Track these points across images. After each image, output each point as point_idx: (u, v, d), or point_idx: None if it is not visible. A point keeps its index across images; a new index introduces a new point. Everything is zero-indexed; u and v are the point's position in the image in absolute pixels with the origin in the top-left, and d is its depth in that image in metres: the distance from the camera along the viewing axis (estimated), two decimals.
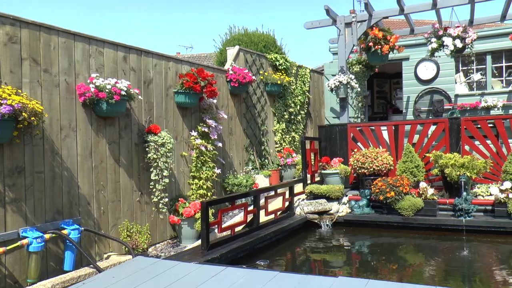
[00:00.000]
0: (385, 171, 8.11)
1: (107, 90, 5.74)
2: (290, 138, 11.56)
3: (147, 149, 6.66)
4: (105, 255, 5.99)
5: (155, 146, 6.62)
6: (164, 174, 6.76)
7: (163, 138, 6.68)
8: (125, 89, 5.95)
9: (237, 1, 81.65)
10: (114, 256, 5.95)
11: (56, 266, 5.31)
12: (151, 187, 6.80)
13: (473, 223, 6.94)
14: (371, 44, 9.30)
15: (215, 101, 8.22)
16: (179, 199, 7.19)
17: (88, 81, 5.83)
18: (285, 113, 11.36)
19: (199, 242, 6.23)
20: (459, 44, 9.07)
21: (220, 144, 8.31)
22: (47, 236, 5.01)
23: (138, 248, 6.19)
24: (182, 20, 79.55)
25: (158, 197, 6.86)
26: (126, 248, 6.05)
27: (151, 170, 6.72)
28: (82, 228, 5.49)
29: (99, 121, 6.06)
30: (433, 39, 9.39)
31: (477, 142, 8.17)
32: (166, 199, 7.00)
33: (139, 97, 6.58)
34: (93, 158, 5.95)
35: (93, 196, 5.92)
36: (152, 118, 7.01)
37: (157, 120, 7.10)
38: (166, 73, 7.38)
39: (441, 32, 9.28)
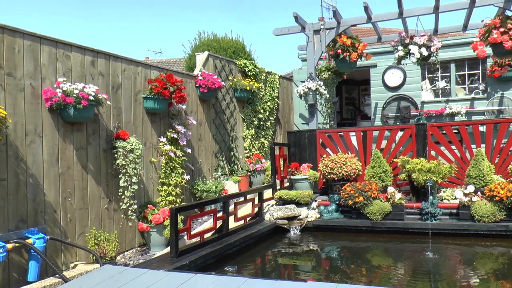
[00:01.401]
0: (353, 176, 8.21)
1: (74, 95, 5.64)
2: (260, 144, 11.58)
3: (115, 155, 6.56)
4: (72, 264, 5.86)
5: (124, 152, 6.52)
6: (133, 180, 6.67)
7: (132, 144, 6.60)
8: (93, 94, 5.86)
9: (206, 7, 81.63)
10: (81, 265, 5.83)
11: (19, 277, 5.15)
12: (119, 194, 6.70)
13: (439, 226, 7.09)
14: (339, 51, 9.42)
15: (184, 106, 8.17)
16: (148, 206, 7.10)
17: (55, 85, 5.71)
18: (254, 119, 11.38)
19: (168, 249, 6.16)
20: (424, 52, 9.28)
21: (189, 150, 8.26)
22: (9, 246, 4.85)
23: (106, 256, 6.08)
24: (151, 25, 78.94)
25: (127, 204, 6.76)
26: (94, 257, 5.93)
27: (119, 176, 6.62)
28: (48, 237, 5.35)
29: (66, 127, 5.94)
30: (400, 47, 9.58)
31: (442, 148, 8.36)
32: (135, 206, 6.90)
33: (108, 102, 6.49)
34: (60, 164, 5.82)
35: (60, 203, 5.79)
36: (121, 123, 6.92)
37: (125, 125, 7.01)
38: (135, 78, 7.30)
39: (407, 41, 9.48)
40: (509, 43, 8.00)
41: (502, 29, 8.07)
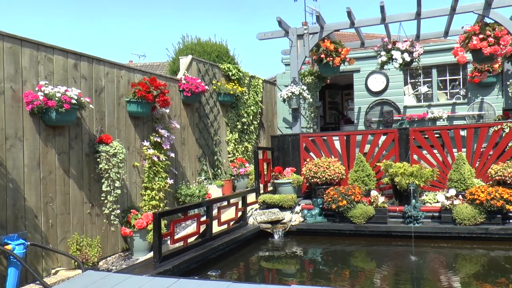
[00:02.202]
0: (337, 180, 8.25)
1: (56, 98, 5.58)
2: (243, 148, 11.57)
3: (98, 159, 6.50)
4: (53, 271, 5.77)
5: (107, 156, 6.47)
6: (116, 185, 6.61)
7: (115, 148, 6.54)
8: (76, 97, 5.80)
9: (191, 10, 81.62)
10: (62, 271, 5.75)
11: None
12: (102, 198, 6.63)
13: (421, 229, 7.16)
14: (322, 56, 9.47)
15: (167, 110, 8.13)
16: (131, 210, 7.04)
17: (37, 88, 5.64)
18: (238, 123, 11.37)
19: (151, 254, 6.11)
20: (407, 57, 9.39)
21: (172, 154, 8.22)
22: None
23: (88, 262, 6.01)
24: (135, 28, 78.53)
25: (110, 209, 6.70)
26: (76, 263, 5.85)
27: (102, 181, 6.55)
28: (28, 243, 5.26)
29: (48, 131, 5.86)
30: (383, 53, 9.68)
31: (424, 152, 8.46)
32: (118, 211, 6.84)
33: (90, 106, 6.43)
34: (41, 169, 5.74)
35: (41, 208, 5.70)
36: (104, 127, 6.86)
37: (108, 129, 6.95)
38: (118, 82, 7.24)
39: (390, 46, 9.59)
40: (488, 50, 8.15)
41: (481, 36, 8.22)
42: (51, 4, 77.84)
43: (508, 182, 7.20)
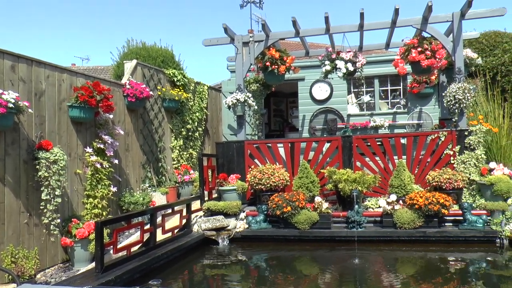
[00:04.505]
0: (281, 187, 8.33)
1: None
2: (188, 155, 11.48)
3: (37, 166, 6.23)
4: None
5: (47, 163, 6.22)
6: (56, 193, 6.37)
7: (56, 155, 6.31)
8: (13, 101, 5.55)
9: (135, 15, 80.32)
10: None
11: None
12: (41, 207, 6.36)
13: (364, 233, 7.37)
14: (268, 63, 9.56)
15: (111, 116, 7.95)
16: (72, 219, 6.79)
17: None
18: (182, 129, 11.27)
19: (93, 264, 5.92)
20: (350, 67, 9.67)
21: (116, 161, 8.03)
22: None
23: (25, 275, 5.74)
24: (78, 30, 76.18)
25: (49, 218, 6.44)
26: (10, 276, 5.57)
27: (42, 189, 6.29)
28: None
29: None
30: (327, 62, 9.92)
31: (367, 159, 8.71)
32: (58, 220, 6.58)
33: (29, 110, 6.16)
34: None
35: None
36: (44, 133, 6.60)
37: (49, 135, 6.69)
38: (59, 86, 7.00)
39: (334, 56, 9.84)
40: (425, 62, 8.54)
41: (419, 49, 8.60)
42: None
43: (444, 187, 7.56)
